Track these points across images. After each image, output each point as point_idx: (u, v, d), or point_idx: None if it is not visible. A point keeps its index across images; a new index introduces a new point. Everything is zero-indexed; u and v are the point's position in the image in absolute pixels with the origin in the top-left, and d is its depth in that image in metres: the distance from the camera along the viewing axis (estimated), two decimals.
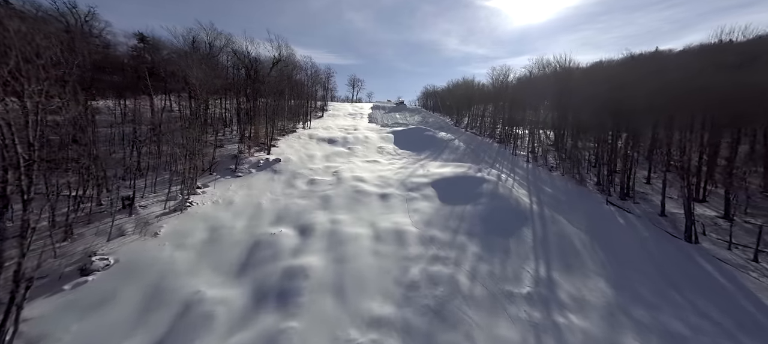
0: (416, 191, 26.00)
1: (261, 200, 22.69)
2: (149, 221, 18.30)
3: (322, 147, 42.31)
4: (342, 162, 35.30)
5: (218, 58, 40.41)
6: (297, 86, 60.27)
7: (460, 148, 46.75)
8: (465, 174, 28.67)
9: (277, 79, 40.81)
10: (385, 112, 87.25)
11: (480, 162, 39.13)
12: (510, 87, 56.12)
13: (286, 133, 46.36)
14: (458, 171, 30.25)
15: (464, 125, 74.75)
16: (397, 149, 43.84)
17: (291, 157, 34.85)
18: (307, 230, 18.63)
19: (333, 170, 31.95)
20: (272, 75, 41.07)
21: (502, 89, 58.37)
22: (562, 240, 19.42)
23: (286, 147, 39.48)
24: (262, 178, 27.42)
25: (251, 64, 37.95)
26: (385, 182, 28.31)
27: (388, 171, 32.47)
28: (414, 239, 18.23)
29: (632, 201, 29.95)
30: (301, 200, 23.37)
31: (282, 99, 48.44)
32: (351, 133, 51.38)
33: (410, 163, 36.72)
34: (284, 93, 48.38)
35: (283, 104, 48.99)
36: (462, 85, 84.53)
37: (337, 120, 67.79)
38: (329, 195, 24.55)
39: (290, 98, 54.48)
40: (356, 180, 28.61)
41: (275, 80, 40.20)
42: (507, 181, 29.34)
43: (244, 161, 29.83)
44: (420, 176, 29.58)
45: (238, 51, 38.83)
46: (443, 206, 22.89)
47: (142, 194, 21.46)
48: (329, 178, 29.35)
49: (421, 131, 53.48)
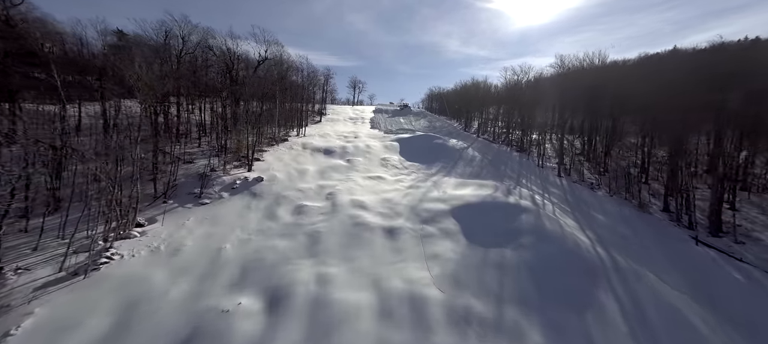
0: (433, 224, 19.92)
1: (225, 243, 16.62)
2: (13, 302, 11.42)
3: (317, 160, 36.34)
4: (339, 180, 29.28)
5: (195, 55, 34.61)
6: (292, 87, 54.51)
7: (475, 158, 40.65)
8: (493, 199, 22.54)
9: (263, 81, 34.96)
10: (388, 116, 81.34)
11: (503, 177, 33.03)
12: (530, 88, 49.91)
13: (276, 142, 40.48)
14: (483, 193, 24.14)
15: (474, 130, 68.78)
16: (403, 161, 37.79)
17: (277, 174, 28.89)
18: (280, 300, 12.56)
19: (328, 191, 25.96)
20: (258, 75, 35.17)
21: (518, 90, 52.26)
22: (669, 316, 12.96)
23: (273, 160, 33.54)
24: (235, 206, 21.43)
25: (232, 62, 32.09)
26: (392, 209, 22.28)
27: (394, 192, 26.43)
28: (440, 315, 12.14)
29: (733, 239, 22.07)
30: (282, 241, 17.33)
31: (272, 103, 42.65)
32: (351, 141, 45.43)
33: (421, 179, 30.66)
34: (275, 96, 42.59)
35: (273, 109, 43.18)
36: (471, 86, 78.45)
37: (336, 126, 61.89)
38: (319, 232, 18.52)
39: (283, 101, 48.71)
40: (356, 206, 22.61)
41: (261, 82, 34.34)
42: (545, 206, 23.16)
43: (215, 182, 23.88)
44: (435, 201, 23.51)
45: (217, 47, 33.03)
46: (472, 249, 16.78)
47: (35, 243, 15.12)
48: (322, 203, 23.35)
49: (430, 138, 47.40)
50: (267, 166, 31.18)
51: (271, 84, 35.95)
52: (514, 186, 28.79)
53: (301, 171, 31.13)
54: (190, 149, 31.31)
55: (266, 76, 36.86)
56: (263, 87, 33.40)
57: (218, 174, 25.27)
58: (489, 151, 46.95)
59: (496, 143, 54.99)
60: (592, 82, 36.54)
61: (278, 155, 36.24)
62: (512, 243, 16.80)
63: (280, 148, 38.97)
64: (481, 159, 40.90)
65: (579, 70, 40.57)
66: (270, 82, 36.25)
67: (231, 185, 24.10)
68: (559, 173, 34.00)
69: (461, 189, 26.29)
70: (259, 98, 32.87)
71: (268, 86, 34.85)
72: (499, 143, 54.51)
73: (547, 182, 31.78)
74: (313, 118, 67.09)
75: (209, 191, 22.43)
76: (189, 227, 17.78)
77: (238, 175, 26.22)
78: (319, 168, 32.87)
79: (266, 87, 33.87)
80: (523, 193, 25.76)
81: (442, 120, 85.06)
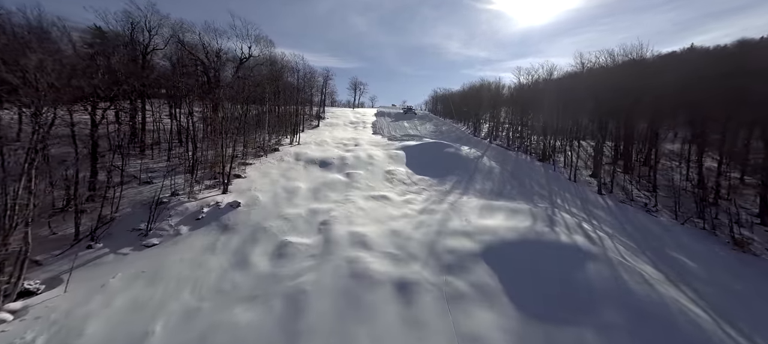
0: (461, 274, 14.51)
1: (156, 321, 11.06)
2: None
3: (311, 174, 31.01)
4: (336, 202, 23.94)
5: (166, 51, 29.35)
6: (285, 89, 49.34)
7: (493, 170, 35.27)
8: (538, 236, 17.06)
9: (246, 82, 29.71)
10: (391, 120, 76.07)
11: (532, 195, 27.63)
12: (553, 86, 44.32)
13: (265, 152, 35.25)
14: (520, 225, 18.71)
15: (485, 135, 63.43)
16: (411, 175, 32.40)
17: (260, 195, 23.58)
18: None
19: (321, 218, 20.61)
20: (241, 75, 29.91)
21: (537, 90, 46.81)
22: None
23: (258, 176, 28.23)
24: (194, 247, 16.05)
25: (210, 60, 26.87)
26: (403, 248, 16.89)
27: (404, 219, 21.07)
28: None
29: None
30: (247, 312, 11.93)
31: (261, 107, 37.45)
32: (351, 150, 40.12)
33: (434, 200, 25.29)
34: (264, 100, 37.37)
35: (263, 114, 37.96)
36: (482, 87, 73.08)
37: (334, 131, 56.63)
38: (305, 291, 13.12)
39: (275, 105, 43.51)
40: (355, 243, 17.26)
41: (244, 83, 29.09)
42: (603, 241, 17.65)
43: (174, 212, 18.50)
44: (458, 234, 18.11)
45: (189, 43, 27.79)
46: (528, 326, 11.35)
47: None
48: (312, 239, 17.99)
49: (440, 146, 41.99)
50: (249, 184, 25.87)
51: (255, 86, 30.63)
52: (550, 208, 23.39)
53: (291, 191, 25.79)
54: (158, 163, 26.08)
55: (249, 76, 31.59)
56: (246, 89, 28.06)
57: (181, 199, 19.90)
58: (506, 160, 41.54)
59: (512, 150, 49.62)
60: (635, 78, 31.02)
61: (265, 168, 30.95)
62: (589, 319, 11.32)
63: (268, 159, 33.70)
64: (501, 171, 35.51)
65: (618, 66, 35.09)
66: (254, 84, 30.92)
67: (195, 214, 18.75)
68: (599, 190, 28.48)
69: (489, 216, 20.89)
70: (243, 102, 27.55)
71: (251, 87, 29.53)
72: (515, 150, 49.12)
73: (587, 202, 26.28)
74: (310, 122, 61.92)
75: (162, 226, 17.04)
76: (110, 292, 12.29)
77: (208, 199, 20.90)
78: (312, 185, 27.53)
79: (249, 89, 28.56)
80: (567, 221, 20.31)
81: (449, 124, 79.81)
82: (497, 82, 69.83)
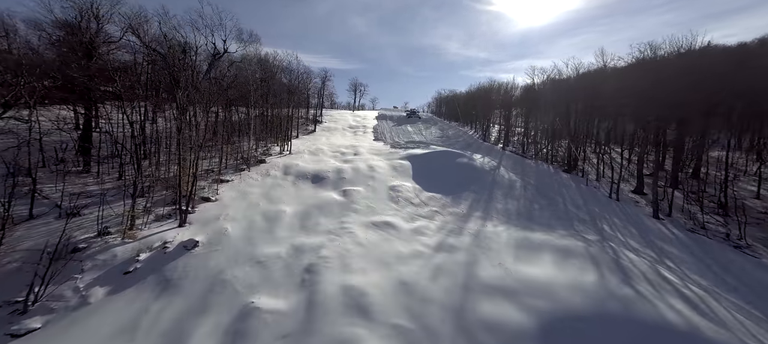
0: None
1: None
2: None
3: (301, 192, 25.77)
4: (328, 233, 18.61)
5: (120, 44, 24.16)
6: (275, 92, 44.22)
7: (514, 185, 30.02)
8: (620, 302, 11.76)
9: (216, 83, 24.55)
10: (393, 124, 70.88)
11: (572, 220, 22.36)
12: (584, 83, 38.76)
13: (248, 164, 30.05)
14: (588, 282, 13.40)
15: (494, 139, 58.26)
16: (419, 192, 27.07)
17: (230, 227, 18.33)
18: None
19: (306, 262, 15.34)
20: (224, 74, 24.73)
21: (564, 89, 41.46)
22: None
23: (233, 198, 22.99)
24: (98, 332, 10.69)
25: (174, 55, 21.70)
26: (419, 318, 11.60)
27: (416, 263, 15.75)
28: None
29: None
30: None
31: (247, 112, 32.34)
32: (349, 160, 34.84)
33: (452, 229, 20.02)
34: (248, 101, 32.23)
35: (247, 120, 32.84)
36: (493, 88, 67.76)
37: (332, 137, 51.38)
38: None
39: (264, 108, 38.41)
40: (350, 309, 12.01)
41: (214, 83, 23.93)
42: (710, 306, 12.35)
43: (93, 262, 13.11)
44: (494, 293, 12.83)
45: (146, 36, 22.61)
46: None
47: None
48: (289, 301, 12.69)
49: (451, 156, 36.64)
50: (219, 210, 20.59)
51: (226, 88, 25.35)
52: (604, 243, 18.07)
53: (273, 217, 20.50)
54: (105, 185, 20.85)
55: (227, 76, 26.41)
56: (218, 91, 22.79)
57: (109, 241, 14.51)
58: (526, 171, 36.26)
59: (529, 157, 44.36)
60: (711, 70, 25.20)
61: (244, 186, 25.71)
62: None
63: (251, 174, 28.47)
64: (523, 185, 30.25)
65: (668, 58, 29.55)
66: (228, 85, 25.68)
67: (126, 264, 13.40)
68: (654, 213, 23.05)
69: (531, 260, 15.55)
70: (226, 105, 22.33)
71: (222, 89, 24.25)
72: (533, 159, 43.84)
73: (646, 231, 20.83)
74: (305, 127, 56.70)
75: (62, 291, 11.62)
76: None
77: (153, 238, 15.59)
78: (301, 208, 22.24)
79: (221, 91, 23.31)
80: (641, 268, 14.97)
81: (455, 127, 74.70)
82: (509, 82, 64.36)
